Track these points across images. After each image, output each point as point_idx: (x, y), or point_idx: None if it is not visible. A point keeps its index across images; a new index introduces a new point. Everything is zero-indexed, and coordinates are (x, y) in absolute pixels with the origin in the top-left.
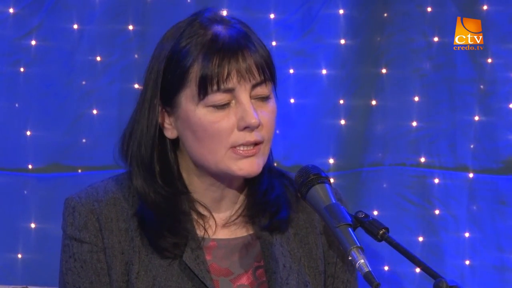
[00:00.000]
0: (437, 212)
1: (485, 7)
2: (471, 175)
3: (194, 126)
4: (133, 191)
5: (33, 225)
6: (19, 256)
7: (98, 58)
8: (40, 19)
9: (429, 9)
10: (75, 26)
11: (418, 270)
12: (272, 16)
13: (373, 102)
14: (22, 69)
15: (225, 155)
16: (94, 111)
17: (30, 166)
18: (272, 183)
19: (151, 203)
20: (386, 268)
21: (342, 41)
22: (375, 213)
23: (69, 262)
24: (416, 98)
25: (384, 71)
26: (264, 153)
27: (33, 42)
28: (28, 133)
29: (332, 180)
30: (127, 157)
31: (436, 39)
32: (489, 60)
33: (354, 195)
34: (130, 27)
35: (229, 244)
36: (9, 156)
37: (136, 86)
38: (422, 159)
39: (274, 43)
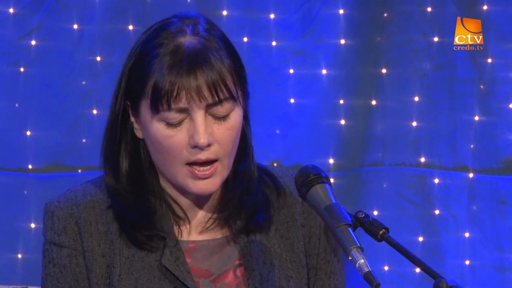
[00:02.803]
0: (437, 212)
1: (485, 7)
2: (471, 175)
3: (151, 137)
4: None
5: (33, 225)
6: (19, 256)
7: (98, 58)
8: (40, 19)
9: (429, 9)
10: (75, 26)
11: (418, 270)
12: (272, 16)
13: (373, 102)
14: (22, 69)
15: (181, 171)
16: (94, 111)
17: (30, 166)
18: (248, 187)
19: (120, 199)
20: (386, 268)
21: (342, 41)
22: (375, 213)
23: (49, 267)
24: (416, 98)
25: (384, 71)
26: (222, 170)
27: (33, 42)
28: (28, 133)
29: (332, 180)
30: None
31: (436, 39)
32: (489, 60)
33: (354, 195)
34: (130, 27)
35: (209, 245)
36: (9, 156)
37: None
38: (422, 159)
39: (274, 43)
